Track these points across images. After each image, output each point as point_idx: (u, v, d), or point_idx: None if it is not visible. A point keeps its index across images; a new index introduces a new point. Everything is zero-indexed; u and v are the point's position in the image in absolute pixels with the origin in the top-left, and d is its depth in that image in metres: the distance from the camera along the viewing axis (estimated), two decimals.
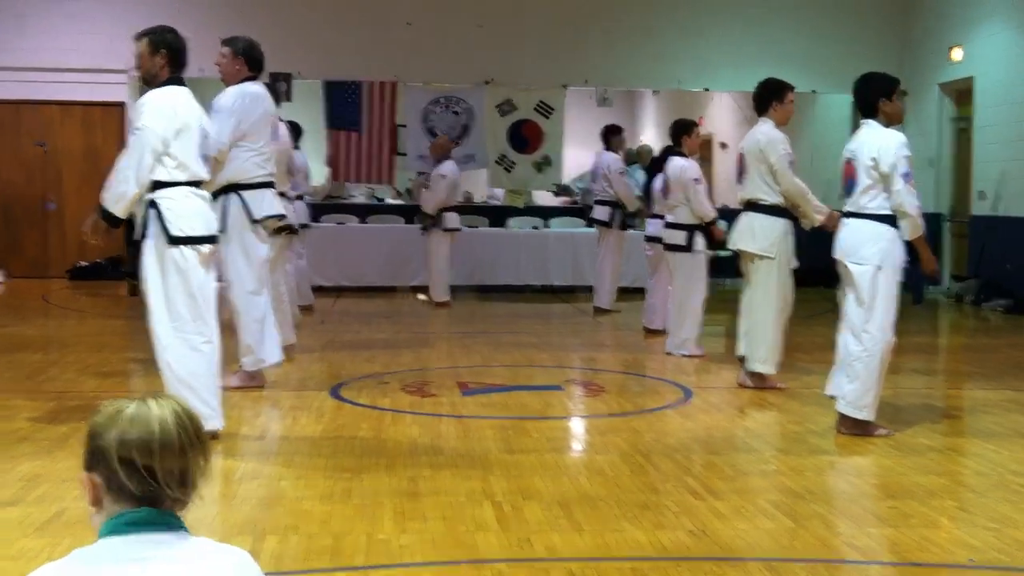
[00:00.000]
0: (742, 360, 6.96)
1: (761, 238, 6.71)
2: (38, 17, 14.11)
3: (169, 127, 5.05)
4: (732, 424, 6.10)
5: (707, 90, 16.15)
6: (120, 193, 5.04)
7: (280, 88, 14.27)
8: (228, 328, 6.05)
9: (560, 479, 4.70)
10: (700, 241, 8.31)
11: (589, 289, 12.31)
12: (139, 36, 5.28)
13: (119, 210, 5.07)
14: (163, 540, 1.74)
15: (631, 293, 11.71)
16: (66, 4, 14.17)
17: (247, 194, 6.43)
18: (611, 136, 11.09)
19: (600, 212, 10.99)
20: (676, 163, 8.42)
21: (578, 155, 16.37)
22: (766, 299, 6.75)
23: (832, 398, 5.71)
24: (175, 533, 1.76)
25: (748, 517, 4.18)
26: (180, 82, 5.27)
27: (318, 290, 11.98)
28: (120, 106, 14.45)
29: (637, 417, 6.12)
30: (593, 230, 11.58)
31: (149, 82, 5.26)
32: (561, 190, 16.37)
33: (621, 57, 15.02)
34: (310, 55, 14.35)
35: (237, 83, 6.50)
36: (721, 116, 17.65)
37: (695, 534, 3.94)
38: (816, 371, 7.37)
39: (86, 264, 14.29)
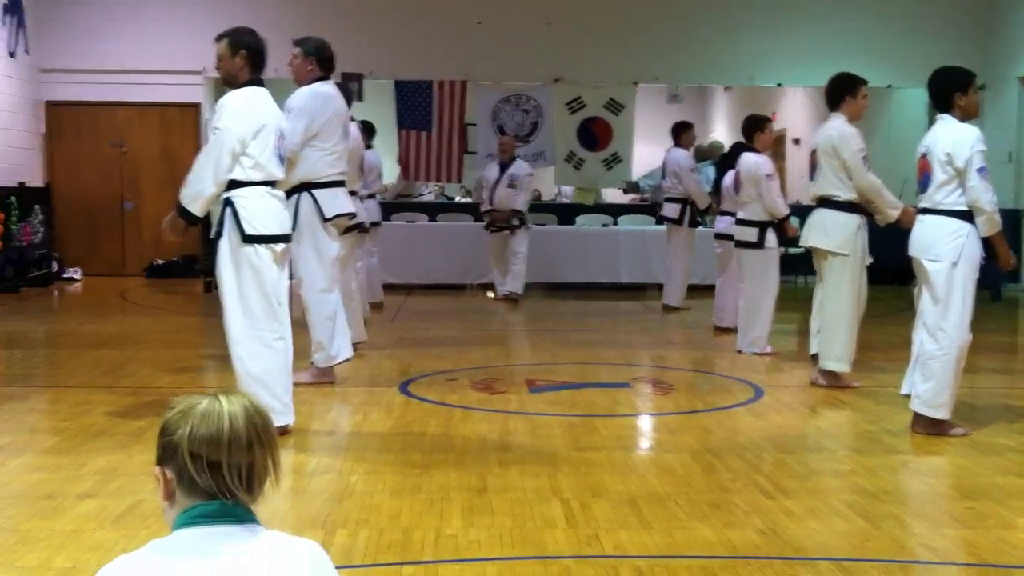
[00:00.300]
0: (815, 358, 6.86)
1: (834, 235, 6.61)
2: (115, 21, 14.41)
3: (248, 128, 5.12)
4: (804, 423, 6.02)
5: (780, 85, 15.97)
6: (198, 192, 5.12)
7: (352, 88, 14.39)
8: (299, 325, 6.12)
9: (629, 477, 4.68)
10: (772, 238, 8.22)
11: (658, 287, 12.26)
12: (219, 37, 5.35)
13: (196, 208, 5.15)
14: (235, 533, 1.76)
15: (701, 291, 11.62)
16: (142, 8, 14.45)
17: (319, 193, 6.50)
18: (681, 132, 11.02)
19: (670, 209, 10.92)
20: (748, 159, 8.33)
21: (648, 152, 16.27)
22: (839, 297, 6.65)
23: (907, 397, 5.61)
24: (247, 526, 1.78)
25: (820, 517, 4.12)
26: (259, 83, 5.34)
27: (388, 288, 12.08)
28: (196, 107, 14.70)
29: (707, 415, 6.07)
30: (663, 227, 11.52)
31: (229, 83, 5.33)
32: (630, 188, 16.30)
33: (692, 53, 14.92)
34: (381, 55, 14.47)
35: (309, 83, 6.57)
36: (794, 112, 17.42)
37: (765, 533, 3.89)
38: (891, 370, 7.24)
39: (162, 262, 14.56)
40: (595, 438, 5.41)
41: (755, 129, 8.45)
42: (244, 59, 5.28)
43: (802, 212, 7.39)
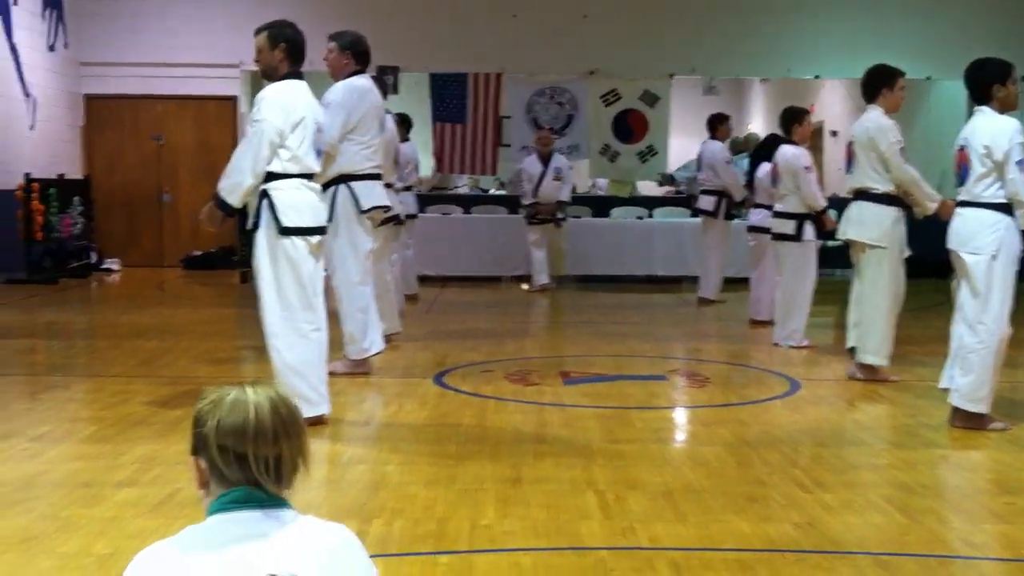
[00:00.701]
0: (852, 352, 6.81)
1: (872, 227, 6.55)
2: (153, 15, 14.52)
3: (286, 121, 5.14)
4: (841, 417, 5.97)
5: (817, 77, 15.83)
6: (236, 183, 5.15)
7: (387, 81, 14.43)
8: (333, 316, 6.15)
9: (664, 469, 4.66)
10: (809, 230, 8.16)
11: (694, 279, 12.21)
12: (259, 30, 5.37)
13: (234, 200, 5.18)
14: (268, 518, 1.78)
15: (736, 283, 11.56)
16: (180, 2, 14.56)
17: (355, 185, 6.53)
18: (717, 125, 10.96)
19: (705, 202, 10.87)
20: (786, 151, 8.27)
21: (684, 145, 16.20)
22: (877, 290, 6.60)
23: (946, 391, 5.55)
24: (280, 511, 1.80)
25: (858, 511, 4.09)
26: (298, 76, 5.36)
27: (423, 280, 12.13)
28: (232, 100, 14.81)
29: (743, 408, 6.04)
30: (698, 220, 11.47)
31: (268, 76, 5.35)
32: (665, 180, 16.24)
33: (729, 45, 14.83)
34: (417, 48, 14.49)
35: (344, 77, 6.59)
36: (832, 104, 17.27)
37: (802, 527, 3.87)
38: (929, 363, 7.18)
39: (199, 253, 14.68)
40: (630, 430, 5.40)
41: (793, 121, 8.38)
42: (283, 52, 5.30)
43: (839, 205, 7.33)
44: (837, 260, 11.11)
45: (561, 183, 12.51)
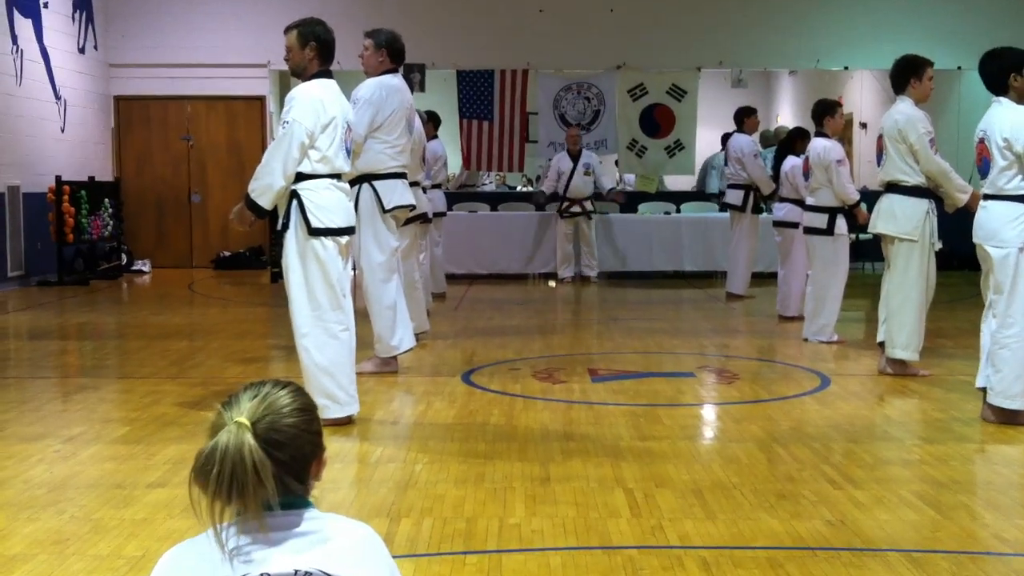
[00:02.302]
0: (882, 346, 6.76)
1: (903, 220, 6.49)
2: (181, 16, 14.61)
3: (317, 122, 5.15)
4: (872, 412, 5.93)
5: (847, 68, 15.70)
6: (267, 185, 5.17)
7: (414, 78, 14.47)
8: (361, 315, 6.16)
9: (693, 467, 4.64)
10: (841, 224, 8.10)
11: (722, 275, 12.16)
12: (289, 28, 5.37)
13: (265, 201, 5.19)
14: (291, 517, 1.79)
15: (764, 278, 11.50)
16: (208, 3, 14.63)
17: (379, 184, 6.54)
18: (745, 118, 10.90)
19: (733, 196, 10.81)
20: (818, 144, 8.20)
21: (712, 138, 16.11)
22: (907, 283, 6.54)
23: (983, 391, 5.47)
24: (303, 510, 1.81)
25: (889, 507, 4.05)
26: (328, 75, 5.37)
27: (451, 278, 12.15)
28: (261, 100, 14.87)
29: (772, 405, 6.00)
30: (726, 215, 11.42)
31: (298, 74, 5.36)
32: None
33: (757, 37, 14.75)
34: (443, 45, 14.50)
35: (378, 75, 6.61)
36: (861, 95, 17.13)
37: (833, 524, 3.84)
38: (960, 357, 7.13)
39: (229, 254, 14.76)
40: (659, 427, 5.38)
41: (825, 114, 8.31)
42: (314, 50, 5.31)
43: (870, 198, 7.26)
44: (868, 254, 11.04)
45: (591, 177, 12.92)
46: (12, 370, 7.28)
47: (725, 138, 14.62)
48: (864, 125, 16.91)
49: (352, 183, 6.24)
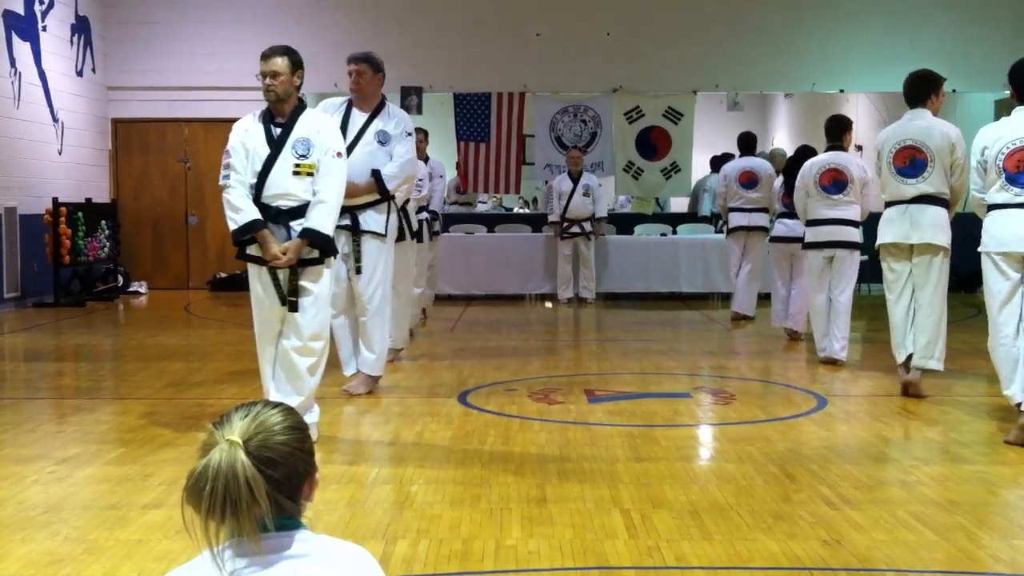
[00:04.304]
0: (906, 363, 6.70)
1: (944, 231, 6.51)
2: (179, 39, 14.66)
3: None
4: (869, 433, 5.91)
5: (842, 91, 15.78)
6: (335, 220, 5.41)
7: (411, 101, 14.52)
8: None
9: (690, 487, 4.64)
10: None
11: (720, 296, 12.17)
12: (272, 53, 5.41)
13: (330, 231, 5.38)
14: (285, 539, 1.79)
15: (760, 299, 11.49)
16: (206, 26, 14.70)
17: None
18: (754, 143, 11.11)
19: (759, 218, 10.82)
20: (852, 159, 8.24)
21: (707, 161, 16.19)
22: (939, 294, 6.56)
23: (1019, 406, 5.43)
24: (296, 532, 1.81)
25: (886, 528, 4.05)
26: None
27: (448, 298, 12.14)
28: None
29: (769, 425, 6.00)
30: (721, 236, 11.46)
31: (282, 99, 5.38)
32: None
33: (753, 60, 14.82)
34: (440, 68, 14.58)
35: (376, 99, 6.66)
36: (857, 118, 17.18)
37: (830, 544, 3.84)
38: (957, 378, 7.13)
39: (225, 275, 14.76)
40: (655, 448, 5.38)
41: (844, 130, 8.35)
42: (300, 78, 5.40)
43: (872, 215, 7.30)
44: (863, 274, 11.02)
45: (590, 199, 12.96)
46: (8, 391, 7.27)
47: (715, 161, 14.68)
48: (860, 147, 16.97)
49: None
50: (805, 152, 9.73)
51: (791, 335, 9.46)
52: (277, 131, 5.35)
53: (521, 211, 16.76)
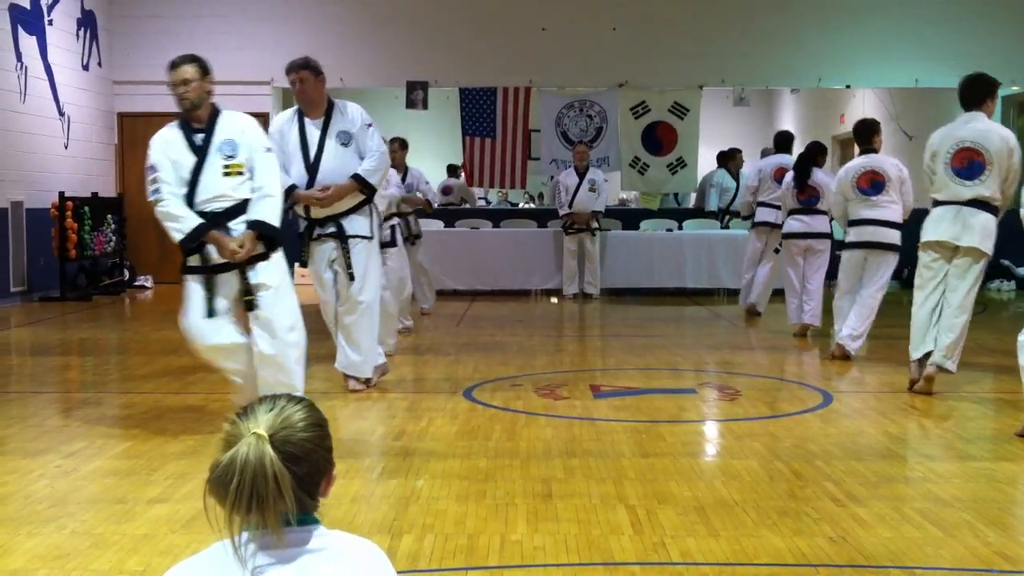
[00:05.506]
0: (923, 360, 6.67)
1: (992, 238, 6.50)
2: (185, 33, 14.65)
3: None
4: (875, 429, 5.91)
5: (848, 87, 15.77)
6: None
7: (416, 96, 14.52)
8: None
9: (695, 484, 4.63)
10: None
11: (727, 292, 12.17)
12: (180, 62, 5.49)
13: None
14: (297, 533, 1.79)
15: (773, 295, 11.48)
16: (212, 20, 14.69)
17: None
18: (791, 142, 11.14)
19: (769, 214, 10.80)
20: (889, 161, 8.21)
21: (713, 156, 16.18)
22: (972, 298, 6.57)
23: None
24: (309, 527, 1.81)
25: (892, 525, 4.04)
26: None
27: (453, 294, 12.15)
28: (264, 116, 14.84)
29: (775, 421, 5.99)
30: (728, 232, 11.44)
31: (196, 106, 5.41)
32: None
33: (759, 55, 14.80)
34: (447, 63, 14.56)
35: (323, 103, 6.60)
36: (863, 113, 17.17)
37: (836, 541, 3.83)
38: (964, 375, 7.11)
39: None
40: (661, 444, 5.37)
41: (873, 132, 8.29)
42: (211, 83, 5.50)
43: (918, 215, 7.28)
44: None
45: (595, 193, 12.95)
46: (14, 385, 7.29)
47: (721, 157, 14.65)
48: None
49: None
50: (815, 148, 9.72)
51: (803, 331, 9.43)
52: (199, 137, 5.38)
53: (527, 206, 16.74)
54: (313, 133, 6.52)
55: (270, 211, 5.36)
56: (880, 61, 14.26)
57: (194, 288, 5.48)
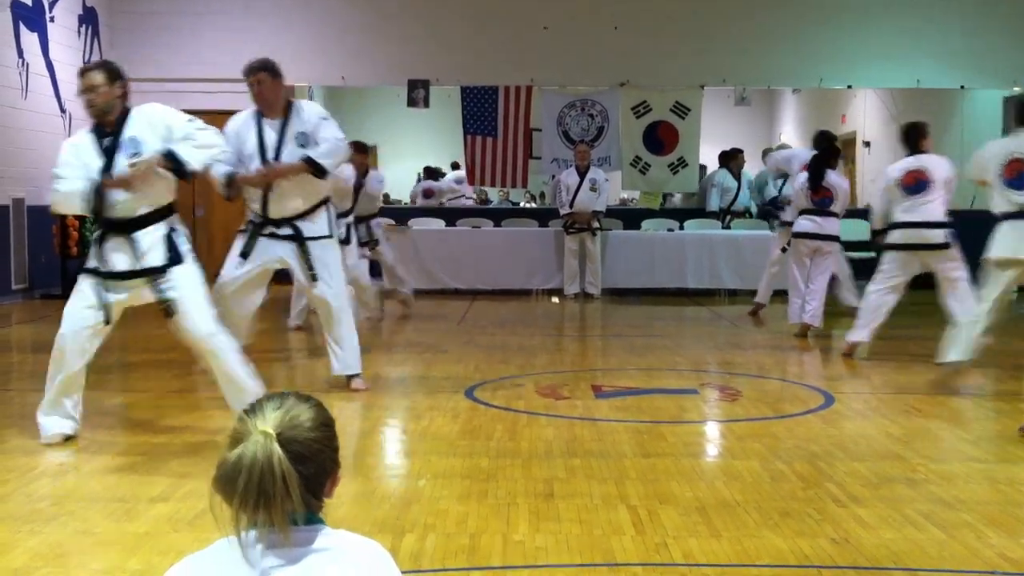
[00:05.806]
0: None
1: None
2: (186, 31, 14.67)
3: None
4: (877, 430, 5.91)
5: (850, 87, 15.76)
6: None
7: (418, 94, 14.52)
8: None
9: (697, 484, 4.63)
10: None
11: (725, 292, 12.16)
12: (88, 69, 5.44)
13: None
14: (301, 533, 1.79)
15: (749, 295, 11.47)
16: (216, 16, 14.69)
17: None
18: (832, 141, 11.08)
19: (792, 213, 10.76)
20: (937, 161, 8.16)
21: (714, 155, 16.19)
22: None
23: None
24: (313, 526, 1.81)
25: (894, 526, 4.04)
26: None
27: (454, 293, 12.15)
28: None
29: (776, 422, 5.99)
30: (729, 232, 11.45)
31: (106, 111, 5.36)
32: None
33: (760, 55, 14.80)
34: (448, 61, 14.55)
35: (281, 103, 6.57)
36: (864, 114, 17.19)
37: (838, 542, 3.83)
38: (965, 375, 7.12)
39: None
40: (662, 444, 5.37)
41: (920, 136, 8.18)
42: (122, 87, 5.40)
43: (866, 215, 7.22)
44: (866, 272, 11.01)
45: (596, 193, 12.95)
46: (15, 383, 7.29)
47: (722, 157, 14.64)
48: (868, 144, 16.95)
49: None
50: (829, 150, 9.66)
51: (804, 332, 9.41)
52: (107, 141, 5.35)
53: (528, 206, 16.73)
54: (271, 135, 6.47)
55: (192, 152, 5.47)
56: (882, 61, 14.24)
57: (86, 286, 5.44)
